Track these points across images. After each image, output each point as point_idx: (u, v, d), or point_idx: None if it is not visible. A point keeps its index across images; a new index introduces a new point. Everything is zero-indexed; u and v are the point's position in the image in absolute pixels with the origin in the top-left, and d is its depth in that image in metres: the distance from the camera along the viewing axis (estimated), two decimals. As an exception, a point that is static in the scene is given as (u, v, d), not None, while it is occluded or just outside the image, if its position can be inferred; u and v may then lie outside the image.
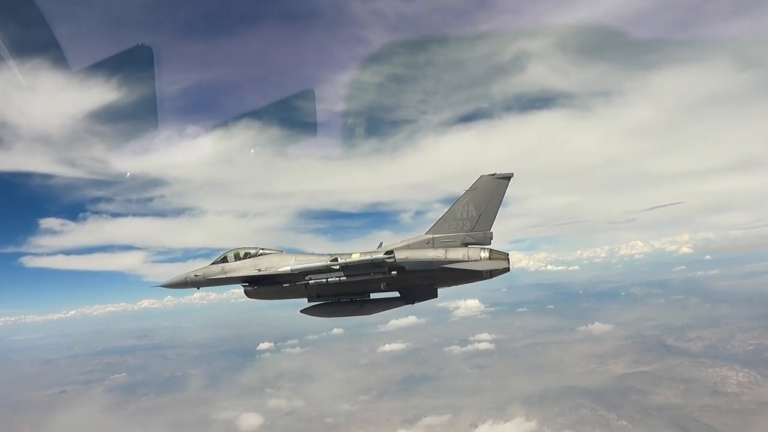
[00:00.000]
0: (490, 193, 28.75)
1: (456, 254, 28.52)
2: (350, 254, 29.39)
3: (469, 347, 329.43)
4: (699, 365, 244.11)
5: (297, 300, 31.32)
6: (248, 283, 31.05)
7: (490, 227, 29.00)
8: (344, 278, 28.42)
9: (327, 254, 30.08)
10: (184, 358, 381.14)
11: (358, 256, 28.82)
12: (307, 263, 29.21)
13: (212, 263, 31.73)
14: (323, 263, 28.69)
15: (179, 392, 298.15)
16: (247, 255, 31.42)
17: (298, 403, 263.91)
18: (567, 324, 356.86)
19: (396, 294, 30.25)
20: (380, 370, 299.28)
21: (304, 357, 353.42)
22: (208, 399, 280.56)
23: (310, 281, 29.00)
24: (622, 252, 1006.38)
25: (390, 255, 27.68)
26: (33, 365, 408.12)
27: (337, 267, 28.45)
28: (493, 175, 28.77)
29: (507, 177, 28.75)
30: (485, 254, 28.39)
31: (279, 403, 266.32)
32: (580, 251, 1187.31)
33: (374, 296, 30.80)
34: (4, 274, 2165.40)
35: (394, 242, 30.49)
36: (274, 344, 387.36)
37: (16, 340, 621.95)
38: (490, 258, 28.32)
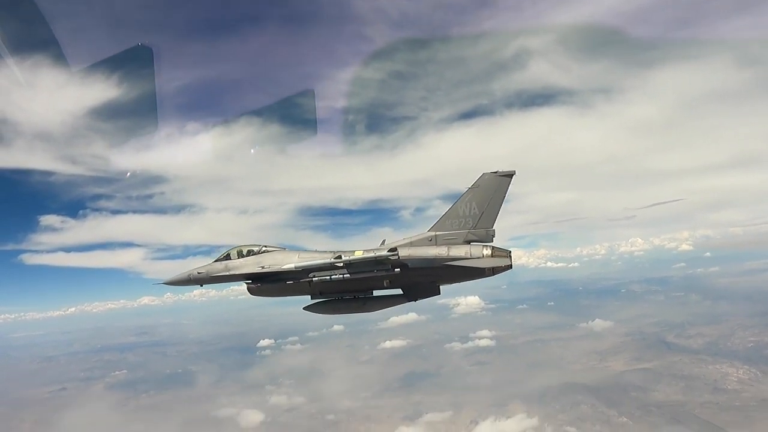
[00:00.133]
0: (493, 191, 28.87)
1: (458, 252, 28.65)
2: (353, 251, 29.46)
3: (470, 344, 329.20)
4: (699, 362, 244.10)
5: (298, 297, 31.47)
6: (251, 281, 31.26)
7: (493, 225, 29.10)
8: (347, 275, 28.55)
9: (330, 251, 30.16)
10: (185, 355, 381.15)
11: (361, 254, 28.90)
12: (311, 260, 29.38)
13: (215, 261, 31.92)
14: (327, 260, 28.81)
15: (180, 389, 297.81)
16: (250, 252, 31.58)
17: (299, 400, 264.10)
18: (567, 321, 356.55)
19: (399, 291, 30.41)
20: (381, 367, 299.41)
21: (305, 354, 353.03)
22: (209, 396, 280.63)
23: (314, 278, 29.11)
24: (622, 249, 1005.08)
25: (393, 252, 27.88)
26: (33, 362, 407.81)
27: (341, 264, 28.56)
28: (496, 173, 28.91)
29: (509, 175, 28.90)
30: (488, 251, 28.54)
31: (280, 400, 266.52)
32: (580, 248, 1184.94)
33: (377, 293, 30.90)
34: (4, 272, 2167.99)
35: (397, 239, 30.65)
36: (275, 341, 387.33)
37: (16, 338, 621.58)
38: (493, 255, 28.48)
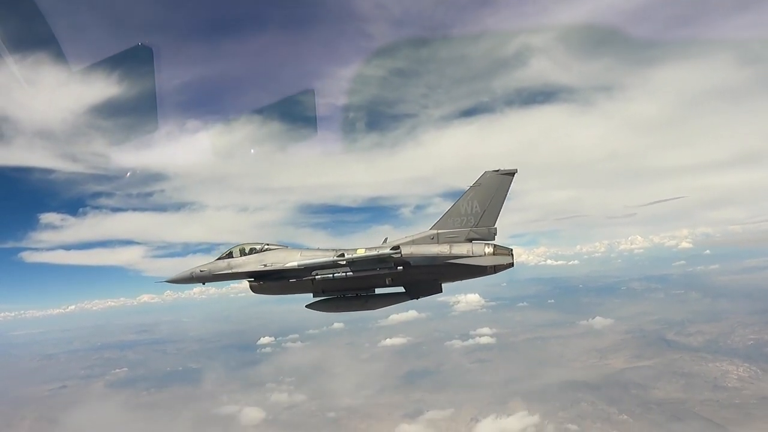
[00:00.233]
0: (494, 189, 29.00)
1: (460, 250, 28.79)
2: (355, 250, 29.57)
3: (470, 342, 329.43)
4: (699, 360, 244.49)
5: (298, 295, 31.54)
6: (254, 279, 31.33)
7: (495, 223, 29.24)
8: (350, 273, 28.70)
9: (332, 249, 30.27)
10: (185, 353, 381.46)
11: (364, 252, 29.03)
12: (314, 258, 29.51)
13: (218, 259, 32.00)
14: (330, 258, 28.93)
15: (180, 387, 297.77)
16: (253, 250, 31.68)
17: (300, 398, 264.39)
18: (567, 318, 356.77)
19: (401, 289, 30.49)
20: (381, 365, 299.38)
21: (305, 352, 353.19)
22: (210, 393, 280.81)
23: (317, 276, 29.21)
24: (622, 247, 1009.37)
25: (396, 250, 28.00)
26: (33, 360, 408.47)
27: (344, 262, 28.67)
28: (497, 172, 29.05)
29: (511, 173, 29.03)
30: (489, 250, 28.71)
31: (280, 398, 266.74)
32: (580, 246, 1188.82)
33: (379, 291, 31.00)
34: (4, 270, 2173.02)
35: (399, 238, 30.71)
36: (275, 339, 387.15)
37: (16, 336, 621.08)
38: (495, 253, 28.66)
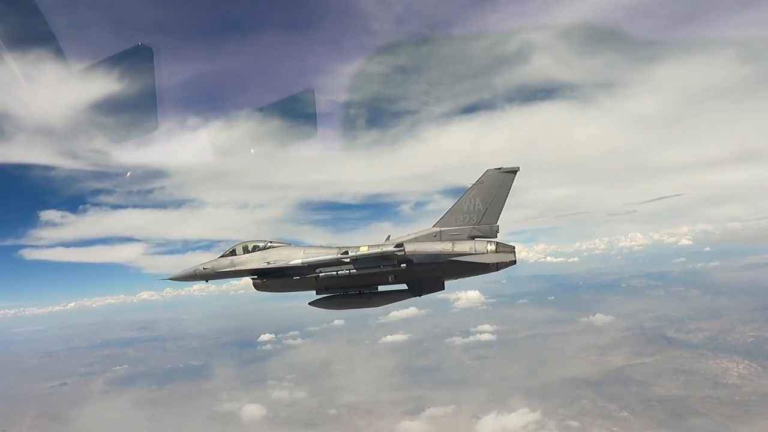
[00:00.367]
0: (497, 187, 29.13)
1: (463, 247, 28.94)
2: (357, 247, 29.69)
3: (471, 338, 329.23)
4: (699, 357, 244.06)
5: (299, 292, 31.68)
6: (257, 276, 31.44)
7: (497, 220, 29.38)
8: (354, 271, 28.70)
9: (335, 247, 30.43)
10: (185, 350, 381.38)
11: (366, 249, 29.16)
12: (318, 256, 29.60)
13: (221, 256, 32.11)
14: (334, 256, 29.01)
15: (180, 384, 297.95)
16: (256, 248, 31.80)
17: (301, 395, 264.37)
18: (567, 315, 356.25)
19: (404, 286, 30.58)
20: (382, 362, 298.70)
21: (306, 348, 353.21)
22: (210, 390, 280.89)
23: (321, 274, 29.25)
24: (621, 244, 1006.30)
25: (400, 248, 28.01)
26: (33, 358, 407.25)
27: (347, 260, 28.74)
28: (500, 169, 29.18)
29: (513, 171, 29.16)
30: (492, 247, 28.86)
31: (281, 395, 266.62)
32: (579, 243, 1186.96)
33: (382, 288, 31.13)
34: (4, 267, 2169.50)
35: (400, 235, 30.83)
36: (275, 336, 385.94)
37: (16, 333, 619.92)
38: (497, 251, 28.81)
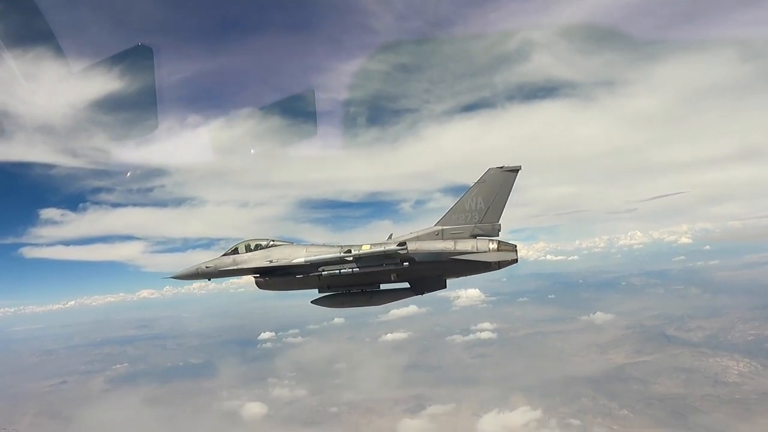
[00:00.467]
0: (499, 186, 29.15)
1: (465, 245, 28.98)
2: (360, 246, 29.73)
3: (471, 336, 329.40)
4: (700, 355, 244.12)
5: (300, 290, 31.70)
6: (259, 275, 31.49)
7: (499, 219, 29.39)
8: (357, 269, 28.77)
9: (338, 246, 30.48)
10: (185, 348, 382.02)
11: (369, 248, 29.20)
12: (321, 255, 29.66)
13: (223, 255, 32.14)
14: (337, 255, 29.08)
15: (181, 382, 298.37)
16: (258, 246, 31.83)
17: (301, 393, 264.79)
18: (568, 314, 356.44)
19: (406, 285, 30.64)
20: (382, 360, 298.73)
21: (306, 347, 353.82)
22: (211, 389, 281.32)
23: (323, 272, 29.35)
24: (621, 242, 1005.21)
25: (403, 246, 28.04)
26: (33, 356, 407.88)
27: (350, 258, 28.82)
28: (502, 168, 29.17)
29: (515, 170, 29.17)
30: (494, 245, 28.91)
31: (282, 393, 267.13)
32: (579, 241, 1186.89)
33: (384, 287, 31.18)
34: (4, 265, 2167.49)
35: (400, 233, 30.86)
36: (275, 334, 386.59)
37: (16, 331, 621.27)
38: (499, 249, 28.86)
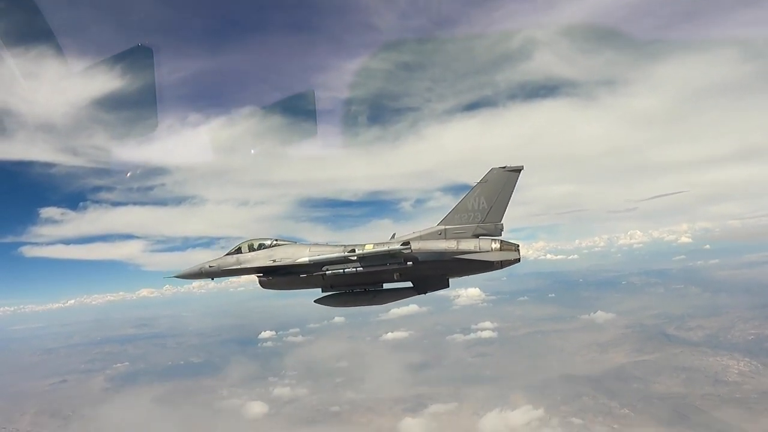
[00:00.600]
0: (501, 186, 29.27)
1: (468, 245, 29.08)
2: (363, 245, 29.83)
3: (472, 335, 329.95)
4: (700, 354, 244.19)
5: (302, 290, 31.70)
6: (262, 274, 31.56)
7: (501, 219, 29.50)
8: (360, 269, 28.86)
9: (341, 245, 30.57)
10: (185, 347, 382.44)
11: (372, 247, 29.30)
12: (324, 254, 29.75)
13: (227, 254, 32.16)
14: (341, 254, 29.19)
15: (181, 381, 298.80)
16: (262, 246, 31.86)
17: (302, 392, 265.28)
18: (568, 313, 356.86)
19: (408, 284, 30.68)
20: (383, 359, 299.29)
21: (307, 345, 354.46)
22: (211, 388, 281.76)
23: (327, 272, 29.42)
24: (621, 241, 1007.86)
25: (407, 246, 28.11)
26: (33, 355, 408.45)
27: (354, 258, 28.90)
28: (504, 168, 29.29)
29: (517, 170, 29.28)
30: (496, 245, 28.98)
31: (283, 392, 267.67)
32: (579, 240, 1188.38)
33: (387, 286, 31.18)
34: (4, 264, 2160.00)
35: (403, 233, 31.02)
36: (276, 333, 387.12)
37: (16, 330, 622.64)
38: (501, 249, 28.93)
